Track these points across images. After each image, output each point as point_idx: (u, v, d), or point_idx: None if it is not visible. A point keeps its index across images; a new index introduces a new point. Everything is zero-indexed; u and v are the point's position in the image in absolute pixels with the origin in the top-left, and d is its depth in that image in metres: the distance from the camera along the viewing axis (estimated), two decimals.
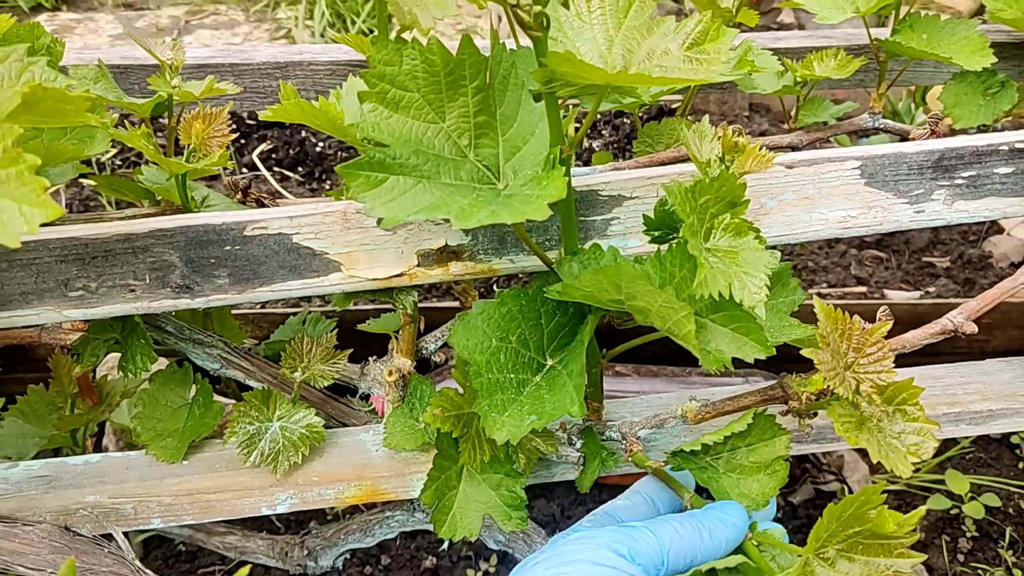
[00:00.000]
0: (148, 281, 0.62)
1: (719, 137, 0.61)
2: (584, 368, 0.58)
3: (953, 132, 1.04)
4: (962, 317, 0.63)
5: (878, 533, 0.48)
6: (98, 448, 1.07)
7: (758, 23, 0.91)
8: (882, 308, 0.61)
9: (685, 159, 0.79)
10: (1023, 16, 0.97)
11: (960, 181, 0.67)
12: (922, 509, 0.48)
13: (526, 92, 0.58)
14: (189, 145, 0.69)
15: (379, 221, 0.61)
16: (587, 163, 1.72)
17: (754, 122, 1.83)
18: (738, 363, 0.56)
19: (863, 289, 1.46)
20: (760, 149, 0.60)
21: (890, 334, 0.58)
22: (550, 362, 0.60)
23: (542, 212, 0.50)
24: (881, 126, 0.95)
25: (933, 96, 1.76)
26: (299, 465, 0.71)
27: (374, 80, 0.55)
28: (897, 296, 1.44)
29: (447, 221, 0.62)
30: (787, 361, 0.70)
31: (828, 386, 0.52)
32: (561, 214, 0.60)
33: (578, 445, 0.68)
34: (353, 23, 2.15)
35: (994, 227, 1.60)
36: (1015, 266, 1.53)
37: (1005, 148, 0.67)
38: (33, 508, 0.68)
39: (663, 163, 0.82)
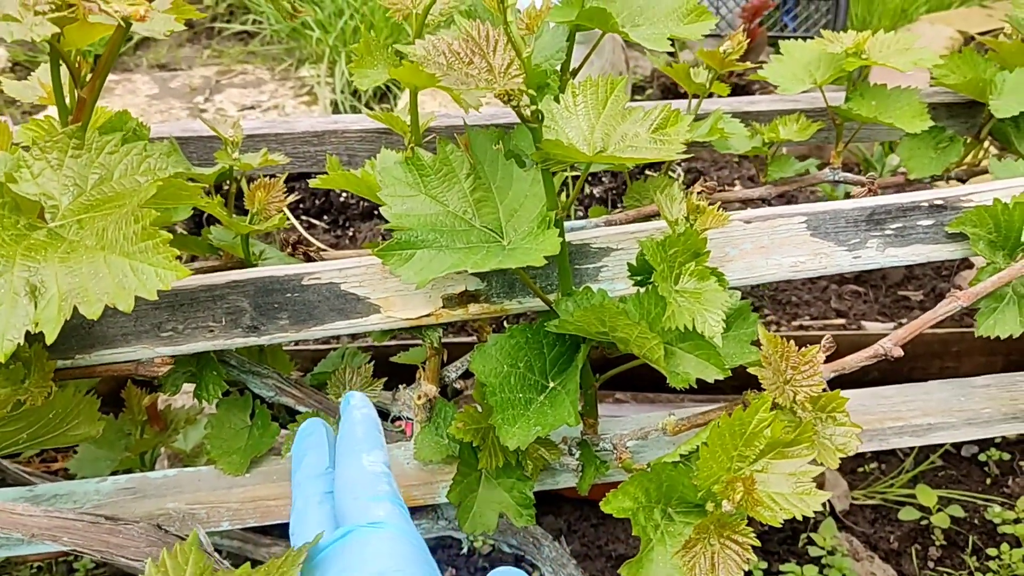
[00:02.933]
0: (224, 323, 0.76)
1: (687, 199, 0.75)
2: (579, 387, 0.72)
3: (909, 182, 1.18)
4: (891, 343, 0.76)
5: (776, 443, 0.62)
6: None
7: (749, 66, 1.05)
8: (826, 337, 0.75)
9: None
10: (964, 81, 1.11)
11: (889, 232, 0.81)
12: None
13: (514, 165, 0.73)
14: (252, 209, 0.83)
15: None
16: (588, 208, 1.87)
17: (743, 167, 1.97)
18: (721, 391, 0.69)
19: (843, 321, 1.60)
20: (718, 209, 0.74)
21: None
22: (551, 384, 0.74)
23: (539, 260, 0.64)
24: (840, 179, 1.09)
25: None
26: None
27: (386, 192, 0.71)
28: (874, 327, 1.58)
29: (466, 271, 0.76)
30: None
31: (772, 398, 0.66)
32: (558, 263, 0.74)
33: (576, 455, 0.82)
34: None
35: (964, 263, 1.73)
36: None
37: (926, 204, 0.81)
38: (125, 514, 0.81)
39: (648, 216, 0.96)
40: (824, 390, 0.69)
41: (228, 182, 0.94)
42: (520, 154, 0.77)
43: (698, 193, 0.75)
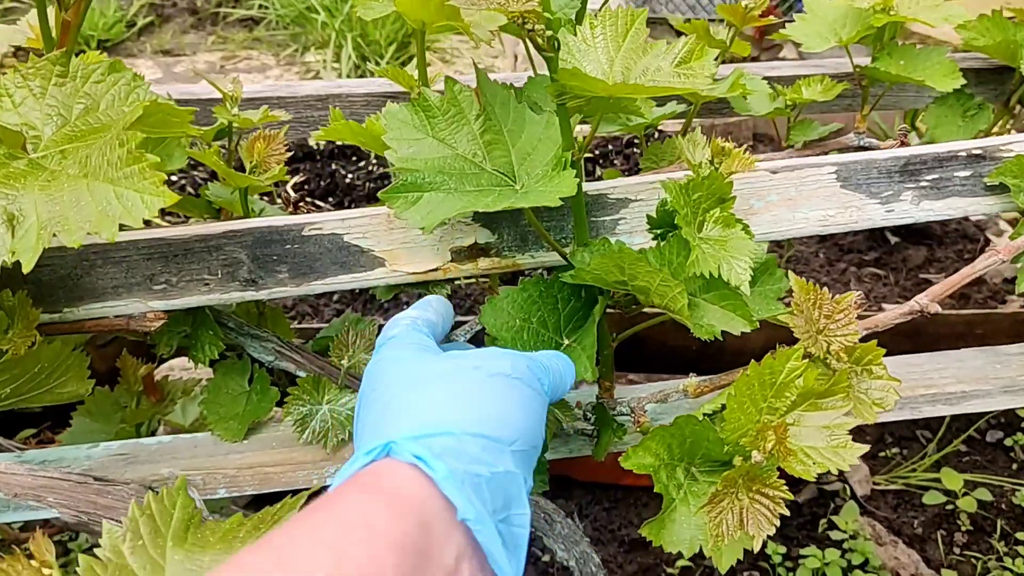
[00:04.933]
0: (220, 276, 0.72)
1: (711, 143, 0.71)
2: (595, 342, 0.67)
3: None
4: (927, 299, 0.72)
5: (809, 393, 0.58)
6: None
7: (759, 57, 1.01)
8: (857, 293, 0.70)
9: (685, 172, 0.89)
10: (994, 44, 1.07)
11: (925, 183, 0.77)
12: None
13: (526, 108, 0.69)
14: (252, 162, 0.79)
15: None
16: None
17: (758, 150, 1.93)
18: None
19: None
20: (745, 152, 0.69)
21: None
22: (566, 341, 0.70)
23: (554, 201, 0.60)
24: (865, 143, 1.05)
25: None
26: (345, 442, 0.80)
27: (391, 136, 0.66)
28: None
29: (476, 222, 0.72)
30: None
31: (805, 348, 0.61)
32: (573, 213, 0.70)
33: (591, 419, 0.77)
34: (378, 64, 2.28)
35: (988, 244, 1.68)
36: (1008, 281, 1.61)
37: (963, 154, 0.77)
38: (116, 480, 0.77)
39: None
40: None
41: (227, 140, 0.90)
42: (533, 104, 0.73)
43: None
